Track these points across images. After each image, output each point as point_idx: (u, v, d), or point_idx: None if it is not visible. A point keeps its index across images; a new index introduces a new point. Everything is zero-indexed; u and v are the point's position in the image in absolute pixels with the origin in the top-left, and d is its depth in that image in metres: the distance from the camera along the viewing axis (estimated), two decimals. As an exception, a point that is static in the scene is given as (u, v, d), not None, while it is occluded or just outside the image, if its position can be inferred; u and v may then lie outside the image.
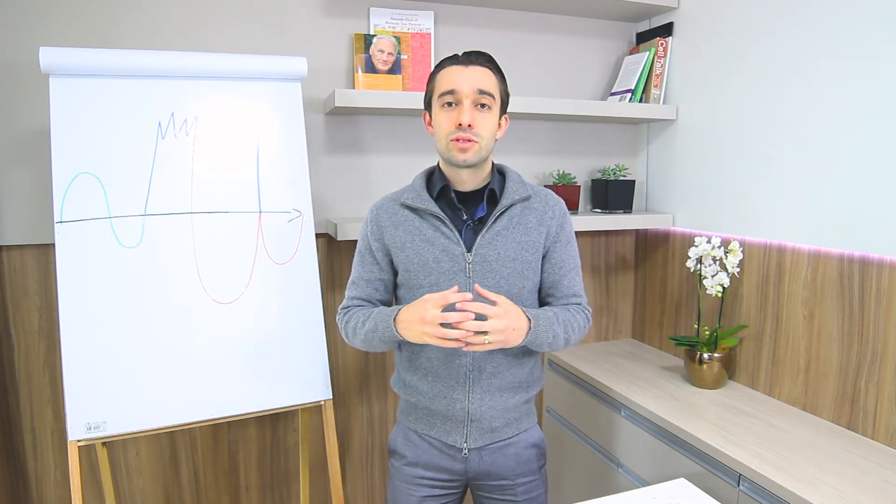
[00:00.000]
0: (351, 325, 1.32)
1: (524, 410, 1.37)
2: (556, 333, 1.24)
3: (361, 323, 1.29)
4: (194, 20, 1.78)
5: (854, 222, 1.51)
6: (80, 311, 1.44)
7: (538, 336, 1.21)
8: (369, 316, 1.27)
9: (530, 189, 1.32)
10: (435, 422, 1.34)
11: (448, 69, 1.23)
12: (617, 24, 2.24)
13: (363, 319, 1.28)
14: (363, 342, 1.30)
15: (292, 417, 2.03)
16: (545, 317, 1.23)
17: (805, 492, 1.23)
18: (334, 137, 1.95)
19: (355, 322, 1.31)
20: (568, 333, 1.27)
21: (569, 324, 1.28)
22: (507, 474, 1.35)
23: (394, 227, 1.30)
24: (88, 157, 1.46)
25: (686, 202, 2.09)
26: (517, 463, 1.35)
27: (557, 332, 1.24)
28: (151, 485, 1.89)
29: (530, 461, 1.37)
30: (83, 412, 1.43)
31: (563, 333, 1.26)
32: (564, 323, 1.27)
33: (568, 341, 1.29)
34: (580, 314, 1.32)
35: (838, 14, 1.52)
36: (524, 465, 1.36)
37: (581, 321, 1.32)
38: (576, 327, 1.30)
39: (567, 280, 1.33)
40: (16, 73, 1.64)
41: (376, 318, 1.25)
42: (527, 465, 1.37)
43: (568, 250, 1.34)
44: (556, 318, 1.25)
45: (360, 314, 1.30)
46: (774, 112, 1.71)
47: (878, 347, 1.47)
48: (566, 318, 1.28)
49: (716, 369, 1.81)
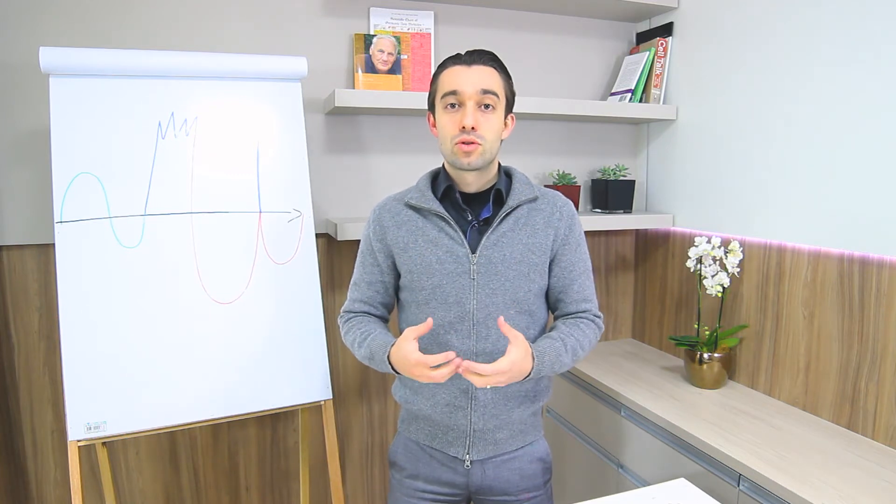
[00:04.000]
0: (349, 339, 1.30)
1: (530, 423, 1.34)
2: (563, 363, 1.21)
3: (358, 344, 1.26)
4: (194, 20, 1.78)
5: (854, 222, 1.51)
6: (80, 311, 1.44)
7: (541, 373, 1.17)
8: (365, 339, 1.24)
9: (537, 190, 1.29)
10: (436, 433, 1.30)
11: (451, 69, 1.20)
12: (617, 24, 2.24)
13: (360, 339, 1.26)
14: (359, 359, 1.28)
15: (292, 417, 2.03)
16: (552, 352, 1.18)
17: (805, 492, 1.23)
18: (334, 137, 1.95)
19: (353, 338, 1.28)
20: (577, 356, 1.24)
21: (578, 348, 1.24)
22: (511, 489, 1.31)
23: (397, 227, 1.27)
24: (88, 157, 1.46)
25: (686, 202, 2.09)
26: (521, 477, 1.31)
27: (564, 362, 1.21)
28: (151, 485, 1.90)
29: (535, 476, 1.33)
30: (83, 412, 1.43)
31: (570, 360, 1.22)
32: (573, 350, 1.22)
33: (577, 362, 1.26)
34: (590, 329, 1.28)
35: (838, 14, 1.52)
36: (528, 480, 1.32)
37: (592, 336, 1.28)
38: (586, 346, 1.26)
39: (577, 285, 1.29)
40: (16, 73, 1.64)
41: (371, 347, 1.22)
42: (531, 480, 1.33)
43: (578, 253, 1.30)
44: (563, 347, 1.21)
45: (357, 332, 1.27)
46: (774, 112, 1.71)
47: (878, 347, 1.47)
48: (575, 343, 1.23)
49: (716, 369, 1.81)
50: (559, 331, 1.25)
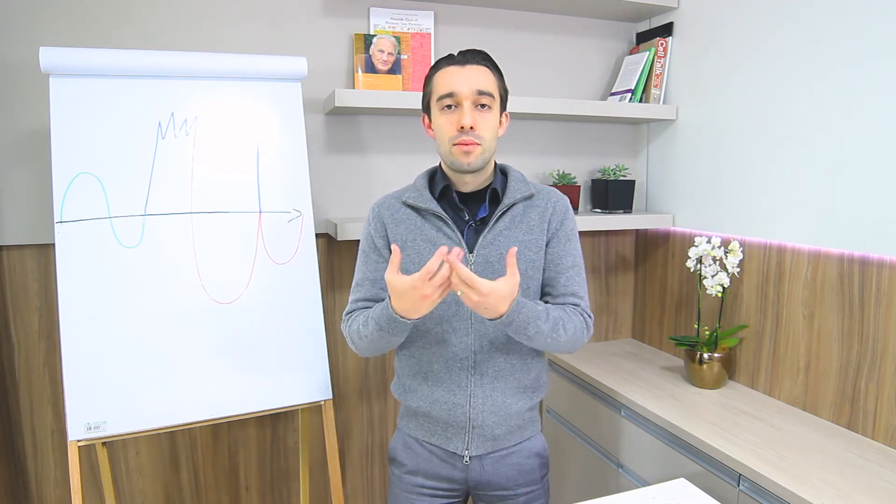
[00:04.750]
0: (353, 330, 1.26)
1: (528, 418, 1.34)
2: (540, 330, 1.15)
3: (363, 325, 1.23)
4: (194, 20, 1.78)
5: (854, 222, 1.51)
6: (80, 311, 1.44)
7: (512, 321, 1.11)
8: (367, 318, 1.21)
9: (533, 188, 1.29)
10: (435, 428, 1.31)
11: (445, 70, 1.20)
12: (617, 24, 2.24)
13: (363, 322, 1.23)
14: (369, 345, 1.24)
15: (292, 417, 2.02)
16: (531, 309, 1.14)
17: (805, 492, 1.23)
18: (334, 137, 1.95)
19: (356, 327, 1.25)
20: (557, 333, 1.18)
21: (560, 323, 1.19)
22: (509, 484, 1.32)
23: (395, 224, 1.28)
24: (88, 157, 1.46)
25: (686, 202, 2.09)
26: (519, 472, 1.32)
27: (542, 329, 1.15)
28: (151, 485, 1.90)
29: (532, 471, 1.34)
30: (83, 412, 1.43)
31: (548, 331, 1.16)
32: (555, 321, 1.18)
33: (556, 341, 1.19)
34: (577, 317, 1.24)
35: (838, 14, 1.52)
36: (526, 475, 1.33)
37: (577, 324, 1.23)
38: (569, 329, 1.20)
39: (564, 278, 1.27)
40: (16, 73, 1.64)
41: (373, 317, 1.18)
42: (529, 475, 1.34)
43: (567, 247, 1.28)
44: (546, 314, 1.16)
45: (360, 318, 1.25)
46: (774, 112, 1.71)
47: (878, 347, 1.47)
48: (557, 318, 1.19)
49: (716, 369, 1.81)
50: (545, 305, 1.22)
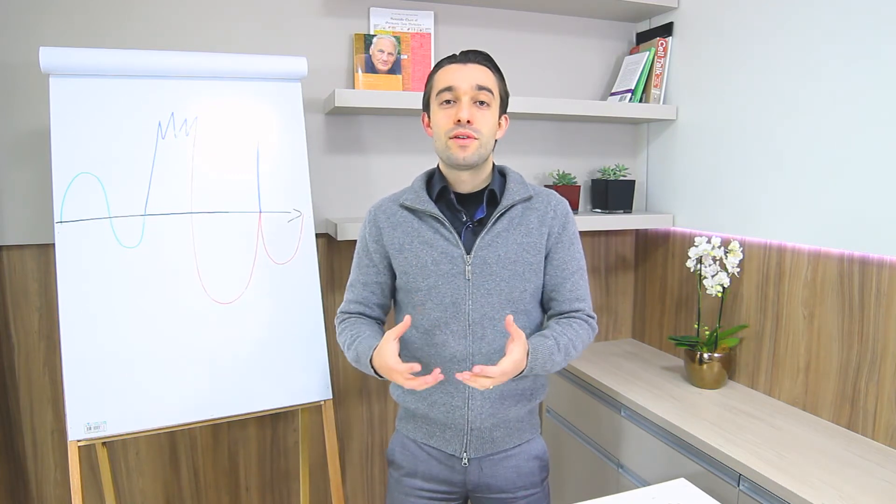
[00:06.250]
0: (341, 341, 1.31)
1: (527, 421, 1.34)
2: (555, 362, 1.21)
3: (347, 346, 1.27)
4: (194, 20, 1.78)
5: (854, 222, 1.51)
6: (80, 311, 1.44)
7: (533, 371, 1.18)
8: (354, 341, 1.25)
9: (532, 189, 1.29)
10: (434, 430, 1.31)
11: (446, 68, 1.22)
12: (617, 24, 2.24)
13: (349, 342, 1.27)
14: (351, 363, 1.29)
15: (292, 417, 2.03)
16: (544, 350, 1.18)
17: (805, 492, 1.23)
18: (334, 137, 1.95)
19: (343, 340, 1.29)
20: (569, 356, 1.24)
21: (570, 347, 1.23)
22: (508, 487, 1.31)
23: (392, 228, 1.28)
24: (88, 157, 1.46)
25: (686, 202, 2.09)
26: (518, 475, 1.32)
27: (556, 360, 1.21)
28: (151, 485, 1.90)
29: (532, 474, 1.34)
30: (83, 412, 1.43)
31: (562, 360, 1.22)
32: (566, 349, 1.22)
33: (568, 361, 1.25)
34: (583, 329, 1.27)
35: (838, 14, 1.52)
36: (526, 478, 1.33)
37: (584, 336, 1.27)
38: (578, 346, 1.25)
39: (570, 283, 1.28)
40: (16, 73, 1.64)
41: (357, 350, 1.23)
42: (528, 478, 1.33)
43: (571, 252, 1.29)
44: (556, 346, 1.20)
45: (348, 334, 1.28)
46: (774, 112, 1.71)
47: (878, 347, 1.47)
48: (567, 342, 1.23)
49: (716, 369, 1.81)
50: (552, 329, 1.24)
